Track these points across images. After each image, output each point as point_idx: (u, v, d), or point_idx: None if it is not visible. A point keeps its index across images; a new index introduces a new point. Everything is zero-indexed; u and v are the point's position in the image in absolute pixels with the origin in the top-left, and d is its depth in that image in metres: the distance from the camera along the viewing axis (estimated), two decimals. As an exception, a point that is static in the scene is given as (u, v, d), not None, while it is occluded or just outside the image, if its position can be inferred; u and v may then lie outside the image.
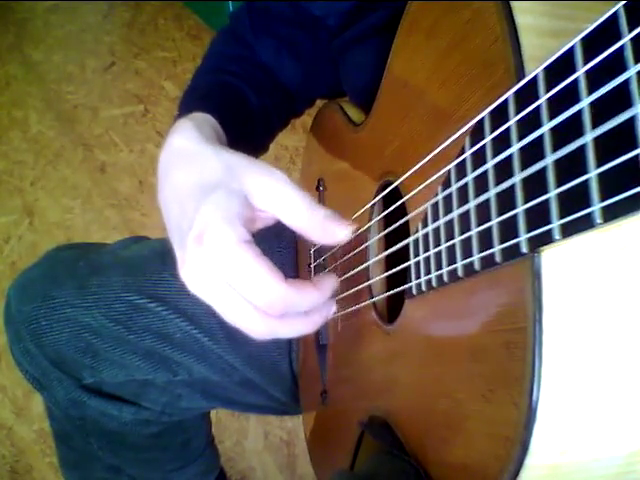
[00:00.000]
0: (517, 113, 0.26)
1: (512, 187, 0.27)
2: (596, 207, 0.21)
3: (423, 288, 0.38)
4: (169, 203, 0.41)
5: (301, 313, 0.39)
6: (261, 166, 0.39)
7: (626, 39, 0.20)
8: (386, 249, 0.45)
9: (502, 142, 0.27)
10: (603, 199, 0.21)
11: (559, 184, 0.24)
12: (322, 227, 0.38)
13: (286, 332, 0.39)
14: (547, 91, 0.24)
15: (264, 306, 0.36)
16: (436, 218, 0.35)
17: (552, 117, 0.24)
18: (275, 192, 0.38)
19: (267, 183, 0.38)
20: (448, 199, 0.33)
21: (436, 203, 0.35)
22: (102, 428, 0.69)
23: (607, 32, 0.21)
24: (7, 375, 1.24)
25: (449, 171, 0.33)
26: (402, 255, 0.41)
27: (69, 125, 1.75)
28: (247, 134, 0.58)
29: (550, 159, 0.24)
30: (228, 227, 0.35)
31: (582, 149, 0.22)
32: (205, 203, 0.36)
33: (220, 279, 0.36)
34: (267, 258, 0.36)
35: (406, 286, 0.40)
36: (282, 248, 0.72)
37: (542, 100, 0.24)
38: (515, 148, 0.26)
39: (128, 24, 2.09)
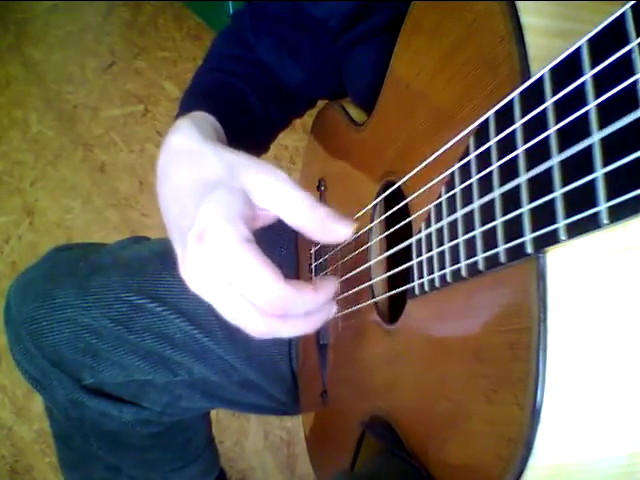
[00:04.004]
0: (523, 113, 0.26)
1: (517, 187, 0.27)
2: (602, 207, 0.21)
3: (426, 288, 0.37)
4: (169, 202, 0.40)
5: (301, 314, 0.39)
6: (261, 164, 0.39)
7: (634, 43, 0.20)
8: (388, 249, 0.45)
9: (507, 143, 0.27)
10: (610, 199, 0.21)
11: (565, 184, 0.23)
12: (323, 225, 0.38)
13: (286, 331, 0.38)
14: (553, 91, 0.24)
15: (263, 305, 0.36)
16: (440, 218, 0.35)
17: (558, 118, 0.24)
18: (276, 190, 0.38)
19: (268, 181, 0.38)
20: (452, 199, 0.33)
21: (440, 203, 0.35)
22: (102, 428, 0.69)
23: (614, 33, 0.21)
24: (7, 375, 1.24)
25: (453, 171, 0.33)
26: (404, 255, 0.41)
27: (69, 125, 1.75)
28: (247, 134, 0.58)
29: (556, 159, 0.24)
30: (229, 226, 0.35)
31: (589, 149, 0.22)
32: (206, 201, 0.36)
33: (220, 277, 0.36)
34: (268, 258, 0.36)
35: (408, 286, 0.40)
36: (282, 247, 0.72)
37: (549, 102, 0.24)
38: (521, 149, 0.26)
39: (128, 24, 2.09)
